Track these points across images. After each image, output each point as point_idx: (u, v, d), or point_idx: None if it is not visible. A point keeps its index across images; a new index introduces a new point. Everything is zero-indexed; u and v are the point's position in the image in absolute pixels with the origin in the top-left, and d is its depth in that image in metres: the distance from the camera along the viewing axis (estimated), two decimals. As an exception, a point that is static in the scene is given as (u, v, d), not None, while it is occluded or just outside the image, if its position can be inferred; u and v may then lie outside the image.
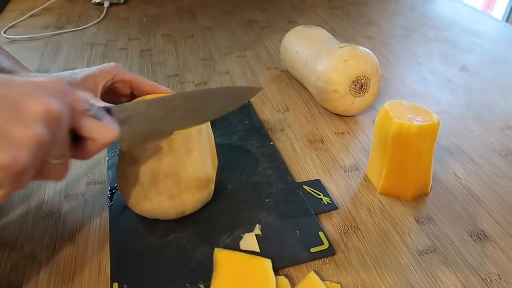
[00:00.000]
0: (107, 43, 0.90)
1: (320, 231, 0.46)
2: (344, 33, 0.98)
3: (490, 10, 2.16)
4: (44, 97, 0.28)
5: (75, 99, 0.31)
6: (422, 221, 0.49)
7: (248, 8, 1.11)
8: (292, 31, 0.76)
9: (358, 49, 0.62)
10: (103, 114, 0.33)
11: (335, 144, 0.61)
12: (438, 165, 0.57)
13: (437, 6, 1.18)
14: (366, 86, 0.63)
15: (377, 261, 0.44)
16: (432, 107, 0.50)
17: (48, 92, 0.29)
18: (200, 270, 0.41)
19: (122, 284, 0.39)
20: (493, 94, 0.75)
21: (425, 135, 0.47)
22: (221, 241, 0.44)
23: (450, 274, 0.43)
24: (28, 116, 0.27)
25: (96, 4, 1.09)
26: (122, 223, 0.46)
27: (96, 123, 0.32)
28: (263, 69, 0.81)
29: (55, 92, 0.29)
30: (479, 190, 0.54)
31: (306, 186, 0.52)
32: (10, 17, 1.00)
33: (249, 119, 0.64)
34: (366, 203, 0.51)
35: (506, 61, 0.87)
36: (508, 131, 0.65)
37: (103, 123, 0.32)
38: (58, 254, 0.44)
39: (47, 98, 0.28)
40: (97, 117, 0.32)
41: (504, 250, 0.46)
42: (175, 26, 0.99)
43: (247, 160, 0.56)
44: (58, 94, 0.29)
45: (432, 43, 0.94)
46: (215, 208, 0.48)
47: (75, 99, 0.31)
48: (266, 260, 0.41)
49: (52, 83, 0.30)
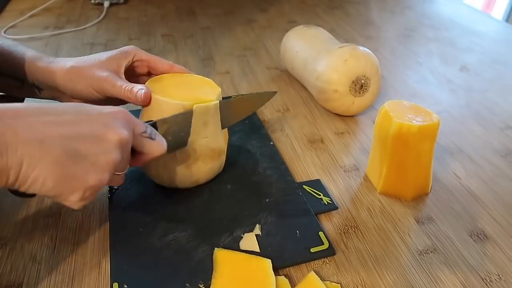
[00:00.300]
0: (107, 43, 0.90)
1: (320, 231, 0.46)
2: (344, 33, 0.98)
3: (490, 10, 2.16)
4: (118, 127, 0.35)
5: (136, 124, 0.38)
6: (422, 221, 0.49)
7: (248, 8, 1.11)
8: (292, 31, 0.76)
9: (358, 49, 0.62)
10: (155, 133, 0.40)
11: (335, 144, 0.61)
12: (438, 165, 0.57)
13: (437, 6, 1.18)
14: (366, 86, 0.63)
15: (377, 261, 0.44)
16: (432, 107, 0.50)
17: (120, 122, 0.36)
18: (200, 270, 0.41)
19: (122, 284, 0.39)
20: (493, 94, 0.75)
21: (425, 135, 0.47)
22: (221, 241, 0.44)
23: (450, 274, 0.43)
24: (108, 145, 0.34)
25: (96, 4, 1.10)
26: (122, 223, 0.46)
27: (151, 142, 0.40)
28: (263, 69, 0.81)
29: (124, 121, 0.37)
30: (479, 190, 0.54)
31: (306, 186, 0.52)
32: (10, 17, 1.00)
33: (248, 119, 0.64)
34: (366, 203, 0.51)
35: (506, 61, 0.87)
36: (508, 131, 0.65)
37: (156, 141, 0.40)
38: (58, 254, 0.43)
39: (120, 128, 0.35)
40: (152, 137, 0.39)
41: (504, 250, 0.46)
42: (175, 26, 0.99)
43: (247, 160, 0.56)
44: (125, 122, 0.37)
45: (432, 43, 0.94)
46: (215, 208, 0.48)
47: (136, 124, 0.38)
48: (266, 260, 0.41)
49: (121, 113, 0.37)
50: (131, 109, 0.64)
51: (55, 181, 0.32)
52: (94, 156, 0.34)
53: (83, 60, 0.48)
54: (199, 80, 0.50)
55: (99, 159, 0.34)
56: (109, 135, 0.34)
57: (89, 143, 0.34)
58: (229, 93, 0.73)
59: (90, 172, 0.34)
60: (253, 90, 0.74)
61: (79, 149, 0.33)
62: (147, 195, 0.50)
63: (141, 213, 0.47)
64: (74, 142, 0.33)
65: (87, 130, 0.34)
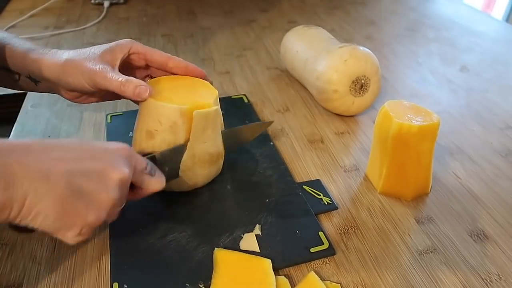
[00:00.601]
0: (107, 43, 0.89)
1: (320, 231, 0.45)
2: (344, 33, 0.98)
3: (490, 10, 2.16)
4: (121, 166, 0.35)
5: (137, 161, 0.39)
6: (422, 221, 0.49)
7: (248, 8, 1.11)
8: (292, 31, 0.76)
9: (358, 49, 0.62)
10: (155, 169, 0.41)
11: (335, 144, 0.61)
12: (438, 165, 0.57)
13: (437, 6, 1.18)
14: (366, 86, 0.63)
15: (377, 261, 0.44)
16: (432, 107, 0.50)
17: (122, 160, 0.36)
18: (200, 270, 0.41)
19: (122, 284, 0.39)
20: (493, 94, 0.75)
21: (425, 135, 0.47)
22: (221, 241, 0.44)
23: (450, 274, 0.43)
24: (110, 183, 0.35)
25: (96, 4, 1.09)
26: (122, 223, 0.46)
27: (151, 179, 0.40)
28: (263, 69, 0.81)
29: (126, 158, 0.37)
30: (479, 190, 0.54)
31: (306, 186, 0.52)
32: (10, 17, 1.00)
33: (249, 119, 0.64)
34: (366, 203, 0.51)
35: (506, 61, 0.87)
36: (508, 131, 0.65)
37: (155, 178, 0.40)
38: (58, 254, 0.44)
39: (123, 167, 0.36)
40: (152, 173, 0.40)
41: (504, 250, 0.46)
42: (175, 26, 0.99)
43: (247, 160, 0.56)
44: (128, 159, 0.37)
45: (432, 43, 0.94)
46: (215, 209, 0.48)
47: (137, 160, 0.39)
48: (266, 260, 0.41)
49: (124, 150, 0.37)
50: (130, 109, 0.64)
51: (56, 217, 0.32)
52: (95, 193, 0.34)
53: (77, 54, 0.47)
54: (196, 83, 0.50)
55: (100, 197, 0.34)
56: (112, 174, 0.35)
57: (92, 180, 0.34)
58: (229, 93, 0.73)
59: (90, 209, 0.34)
60: (253, 90, 0.74)
61: (82, 185, 0.33)
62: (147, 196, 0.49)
63: (141, 213, 0.47)
64: (77, 178, 0.33)
65: (90, 167, 0.34)
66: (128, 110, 0.65)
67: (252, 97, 0.72)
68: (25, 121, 0.64)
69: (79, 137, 0.61)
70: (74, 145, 0.36)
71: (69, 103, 0.68)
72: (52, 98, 0.69)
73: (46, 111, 0.66)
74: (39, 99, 0.69)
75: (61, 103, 0.68)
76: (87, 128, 0.63)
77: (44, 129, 0.62)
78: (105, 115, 0.65)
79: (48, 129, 0.62)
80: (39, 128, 0.62)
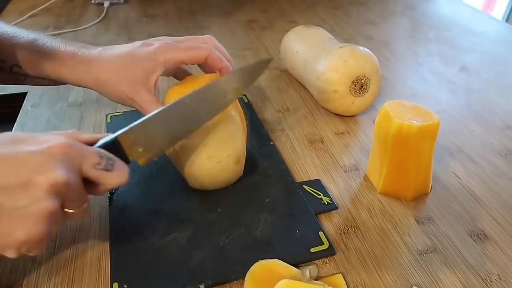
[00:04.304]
0: (107, 43, 0.88)
1: (320, 231, 0.45)
2: (344, 33, 0.98)
3: (490, 10, 2.16)
4: (51, 169, 0.29)
5: (84, 156, 0.33)
6: (422, 221, 0.49)
7: (248, 8, 1.11)
8: (292, 31, 0.76)
9: (358, 49, 0.62)
10: (112, 163, 0.34)
11: (335, 144, 0.61)
12: (438, 165, 0.57)
13: (437, 6, 1.18)
14: (366, 86, 0.63)
15: (377, 261, 0.44)
16: (432, 107, 0.50)
17: (54, 160, 0.30)
18: (200, 270, 0.41)
19: (122, 284, 0.39)
20: (493, 94, 0.75)
21: (425, 135, 0.47)
22: (221, 241, 0.44)
23: (450, 274, 0.43)
24: (38, 193, 0.29)
25: (96, 4, 1.09)
26: (122, 223, 0.46)
27: (107, 174, 0.34)
28: (263, 69, 0.81)
29: (62, 157, 0.31)
30: (479, 190, 0.54)
31: (306, 186, 0.52)
32: (10, 17, 1.00)
33: (249, 119, 0.64)
34: (366, 203, 0.51)
35: (506, 61, 0.87)
36: (508, 131, 0.65)
37: (113, 173, 0.34)
38: (58, 254, 0.43)
39: (53, 169, 0.29)
40: (108, 168, 0.34)
41: (504, 250, 0.46)
42: (175, 26, 0.99)
43: (247, 160, 0.56)
44: (64, 158, 0.31)
45: (432, 43, 0.94)
46: (215, 208, 0.48)
47: (84, 156, 0.33)
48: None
49: (59, 147, 0.31)
50: (130, 110, 0.64)
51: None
52: (22, 208, 0.29)
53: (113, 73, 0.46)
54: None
55: (28, 211, 0.29)
56: (38, 181, 0.29)
57: (14, 194, 0.28)
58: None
59: (18, 227, 0.29)
60: (253, 90, 0.74)
61: (1, 203, 0.28)
62: (147, 195, 0.50)
63: (141, 213, 0.47)
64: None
65: (10, 180, 0.28)
66: (128, 110, 0.65)
67: (252, 97, 0.72)
68: (25, 121, 0.64)
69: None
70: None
71: (69, 103, 0.68)
72: (52, 98, 0.70)
73: (46, 111, 0.66)
74: (39, 99, 0.69)
75: (61, 103, 0.68)
76: (87, 128, 0.63)
77: (44, 129, 0.62)
78: (105, 115, 0.65)
79: (48, 129, 0.62)
80: (39, 128, 0.62)
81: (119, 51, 0.47)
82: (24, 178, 0.29)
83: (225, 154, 0.46)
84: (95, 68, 0.46)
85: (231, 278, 0.41)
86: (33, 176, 0.29)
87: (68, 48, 0.48)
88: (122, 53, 0.47)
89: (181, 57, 0.48)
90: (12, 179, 0.29)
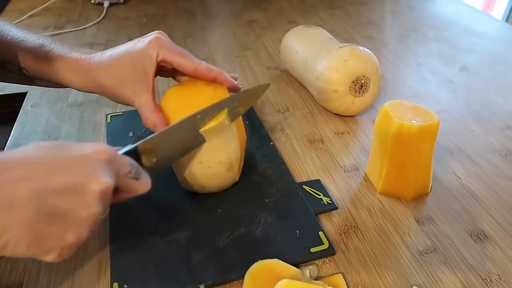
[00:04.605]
0: (107, 43, 0.90)
1: (320, 231, 0.45)
2: (344, 33, 0.98)
3: (490, 10, 2.16)
4: (100, 175, 0.31)
5: (120, 165, 0.35)
6: (422, 221, 0.49)
7: (248, 8, 1.11)
8: (292, 31, 0.76)
9: (358, 49, 0.62)
10: (140, 172, 0.37)
11: (335, 144, 0.61)
12: (438, 165, 0.57)
13: (437, 6, 1.18)
14: (366, 86, 0.63)
15: (377, 261, 0.44)
16: (432, 107, 0.50)
17: (102, 167, 0.32)
18: (200, 270, 0.41)
19: (122, 284, 0.39)
20: (493, 94, 0.75)
21: (425, 135, 0.47)
22: (221, 241, 0.44)
23: (450, 274, 0.43)
24: (89, 199, 0.30)
25: (96, 4, 1.09)
26: (122, 223, 0.46)
27: (135, 183, 0.36)
28: (263, 69, 0.81)
29: (106, 164, 0.33)
30: (479, 190, 0.54)
31: (306, 186, 0.52)
32: (10, 17, 1.00)
33: (248, 119, 0.64)
34: (366, 203, 0.51)
35: (506, 61, 0.87)
36: (508, 131, 0.65)
37: (140, 181, 0.37)
38: (58, 254, 0.43)
39: (103, 176, 0.31)
40: (136, 177, 0.36)
41: (504, 250, 0.46)
42: (175, 26, 0.99)
43: (247, 160, 0.56)
44: (108, 165, 0.33)
45: (432, 43, 0.94)
46: (215, 208, 0.48)
47: (120, 164, 0.35)
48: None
49: (103, 155, 0.33)
50: (130, 110, 0.64)
51: (30, 243, 0.29)
52: (73, 212, 0.30)
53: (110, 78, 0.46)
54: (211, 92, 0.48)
55: (79, 215, 0.30)
56: (90, 186, 0.30)
57: (67, 197, 0.30)
58: (229, 93, 0.73)
59: (69, 230, 0.30)
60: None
61: (55, 206, 0.29)
62: (147, 195, 0.49)
63: (141, 213, 0.47)
64: (49, 199, 0.29)
65: (64, 182, 0.30)
66: (128, 110, 0.65)
67: (252, 97, 0.71)
68: (25, 121, 0.64)
69: (79, 137, 0.61)
70: (42, 154, 0.31)
71: (69, 103, 0.68)
72: (52, 98, 0.70)
73: (46, 111, 0.66)
74: (39, 99, 0.69)
75: (61, 103, 0.68)
76: (87, 128, 0.63)
77: (44, 129, 0.62)
78: (105, 115, 0.65)
79: (48, 129, 0.62)
80: (39, 128, 0.62)
81: (118, 52, 0.47)
82: (77, 183, 0.30)
83: (215, 161, 0.46)
84: (97, 75, 0.47)
85: (231, 278, 0.41)
86: (86, 182, 0.30)
87: (74, 54, 0.48)
88: (120, 54, 0.47)
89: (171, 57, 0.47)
90: (65, 182, 0.30)
